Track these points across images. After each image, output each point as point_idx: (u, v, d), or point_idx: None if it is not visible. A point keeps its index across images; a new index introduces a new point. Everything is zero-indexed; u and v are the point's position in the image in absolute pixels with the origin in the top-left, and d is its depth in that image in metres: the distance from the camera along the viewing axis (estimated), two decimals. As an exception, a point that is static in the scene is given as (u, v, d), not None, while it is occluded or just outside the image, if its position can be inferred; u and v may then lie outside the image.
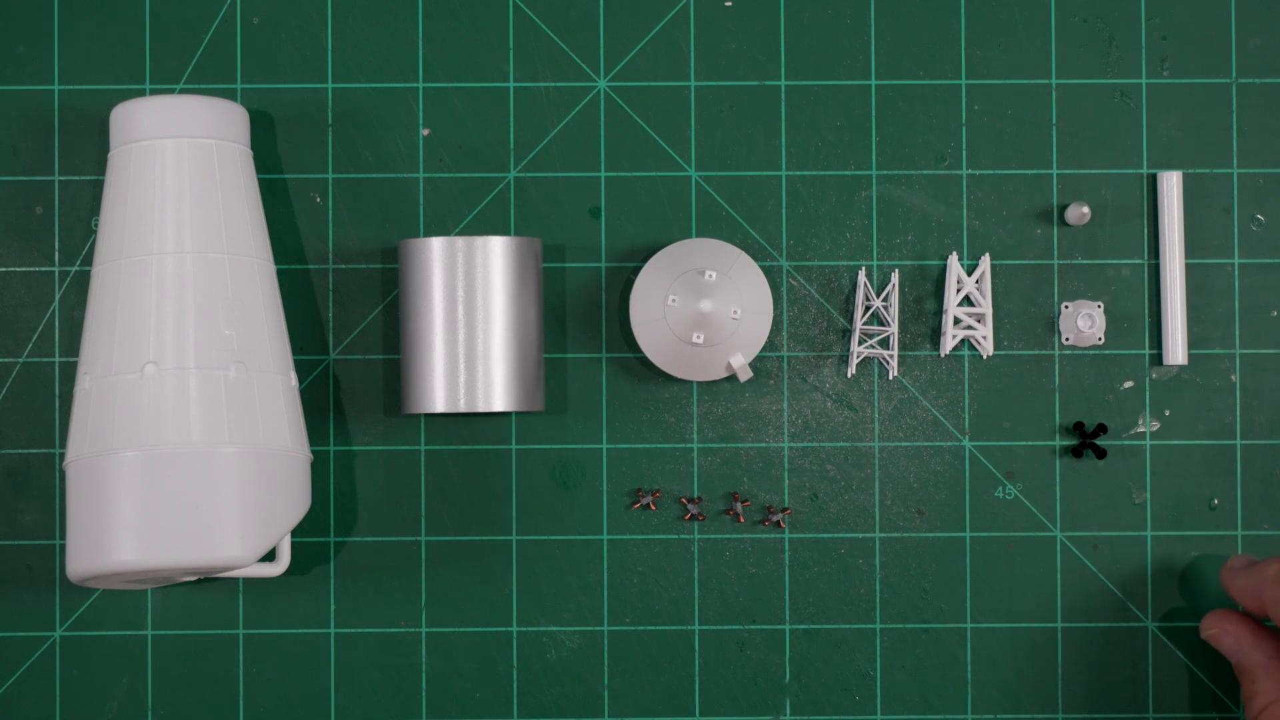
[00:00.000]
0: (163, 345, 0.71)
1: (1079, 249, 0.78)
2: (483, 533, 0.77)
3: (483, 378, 0.74)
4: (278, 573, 0.73)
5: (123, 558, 0.70)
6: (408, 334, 0.74)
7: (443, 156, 0.78)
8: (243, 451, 0.70)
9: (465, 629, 0.77)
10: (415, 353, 0.74)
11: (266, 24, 0.78)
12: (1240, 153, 0.78)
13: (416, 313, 0.74)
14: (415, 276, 0.74)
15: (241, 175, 0.73)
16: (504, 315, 0.74)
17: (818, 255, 0.78)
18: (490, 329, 0.74)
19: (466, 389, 0.74)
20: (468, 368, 0.74)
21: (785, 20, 0.78)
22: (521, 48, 0.78)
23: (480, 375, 0.74)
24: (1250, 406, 0.78)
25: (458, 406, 0.74)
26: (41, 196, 0.77)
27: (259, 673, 0.77)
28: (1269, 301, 0.78)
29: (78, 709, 0.77)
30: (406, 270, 0.75)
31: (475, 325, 0.74)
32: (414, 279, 0.74)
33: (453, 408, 0.74)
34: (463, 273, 0.74)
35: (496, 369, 0.74)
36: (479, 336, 0.74)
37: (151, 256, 0.71)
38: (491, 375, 0.74)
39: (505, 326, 0.74)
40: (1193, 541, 0.78)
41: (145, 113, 0.73)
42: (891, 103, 0.78)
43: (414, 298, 0.74)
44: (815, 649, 0.77)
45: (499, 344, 0.74)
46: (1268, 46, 0.78)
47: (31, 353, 0.77)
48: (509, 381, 0.74)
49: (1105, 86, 0.78)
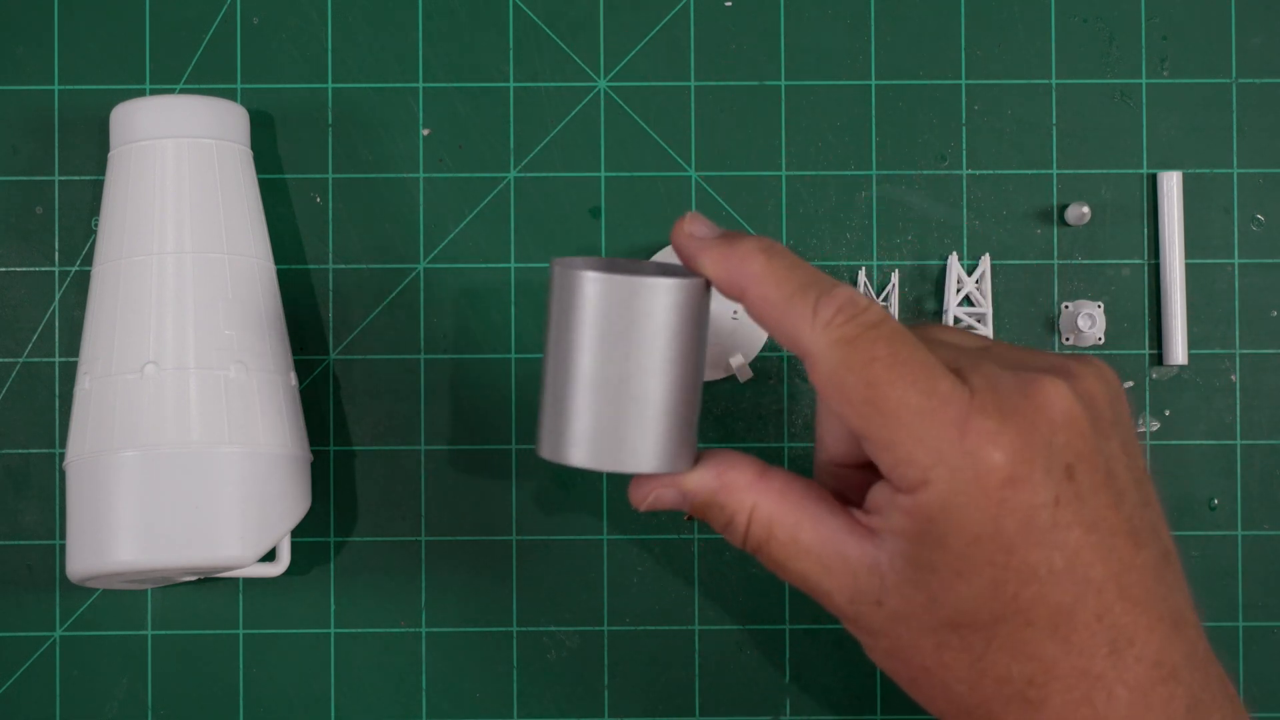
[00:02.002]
0: (163, 345, 0.71)
1: (1079, 249, 0.78)
2: (483, 533, 0.77)
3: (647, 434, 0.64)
4: (278, 573, 0.73)
5: (123, 558, 0.70)
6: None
7: (443, 156, 0.78)
8: (243, 451, 0.70)
9: (465, 629, 0.77)
10: (563, 396, 0.64)
11: (266, 24, 0.78)
12: (1240, 153, 0.78)
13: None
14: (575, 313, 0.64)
15: (241, 175, 0.73)
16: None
17: (818, 255, 0.78)
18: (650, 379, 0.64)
19: (627, 447, 0.64)
20: (621, 423, 0.64)
21: (785, 20, 0.78)
22: (521, 48, 0.78)
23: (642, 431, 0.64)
24: (1250, 406, 0.78)
25: (616, 468, 0.64)
26: (41, 196, 0.77)
27: (259, 673, 0.77)
28: (1269, 301, 0.78)
29: (78, 709, 0.77)
30: (564, 302, 0.64)
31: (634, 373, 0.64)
32: (572, 314, 0.64)
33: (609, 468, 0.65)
34: (633, 317, 0.63)
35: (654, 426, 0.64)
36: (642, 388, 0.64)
37: (151, 256, 0.71)
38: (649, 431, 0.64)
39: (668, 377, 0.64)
40: (1193, 541, 0.78)
41: (145, 113, 0.73)
42: (891, 103, 0.78)
43: (569, 335, 0.64)
44: (815, 649, 0.77)
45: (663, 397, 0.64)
46: (1268, 46, 0.78)
47: (31, 353, 0.77)
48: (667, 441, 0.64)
49: (1105, 86, 0.78)
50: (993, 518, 0.59)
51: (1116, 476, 0.61)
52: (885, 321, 0.61)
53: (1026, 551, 0.59)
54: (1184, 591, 0.62)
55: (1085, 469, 0.60)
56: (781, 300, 0.62)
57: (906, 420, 0.60)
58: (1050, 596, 0.60)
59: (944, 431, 0.59)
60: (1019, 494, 0.59)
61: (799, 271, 0.62)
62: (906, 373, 0.60)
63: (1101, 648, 0.60)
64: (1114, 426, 0.62)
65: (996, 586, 0.60)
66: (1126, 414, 0.63)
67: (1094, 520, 0.60)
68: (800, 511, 0.63)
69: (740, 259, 0.63)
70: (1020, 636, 0.60)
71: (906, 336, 0.61)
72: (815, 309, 0.61)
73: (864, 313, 0.61)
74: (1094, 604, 0.60)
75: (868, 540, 0.62)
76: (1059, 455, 0.60)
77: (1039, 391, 0.60)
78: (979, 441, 0.59)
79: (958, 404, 0.60)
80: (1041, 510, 0.59)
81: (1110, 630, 0.60)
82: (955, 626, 0.61)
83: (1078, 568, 0.60)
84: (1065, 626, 0.60)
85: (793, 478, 0.64)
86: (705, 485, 0.65)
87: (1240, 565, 0.78)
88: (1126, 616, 0.60)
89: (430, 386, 0.77)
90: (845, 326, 0.61)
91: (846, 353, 0.61)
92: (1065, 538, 0.60)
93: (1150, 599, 0.61)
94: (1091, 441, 0.60)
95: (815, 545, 0.63)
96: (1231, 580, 0.78)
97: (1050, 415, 0.60)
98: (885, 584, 0.61)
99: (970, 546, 0.60)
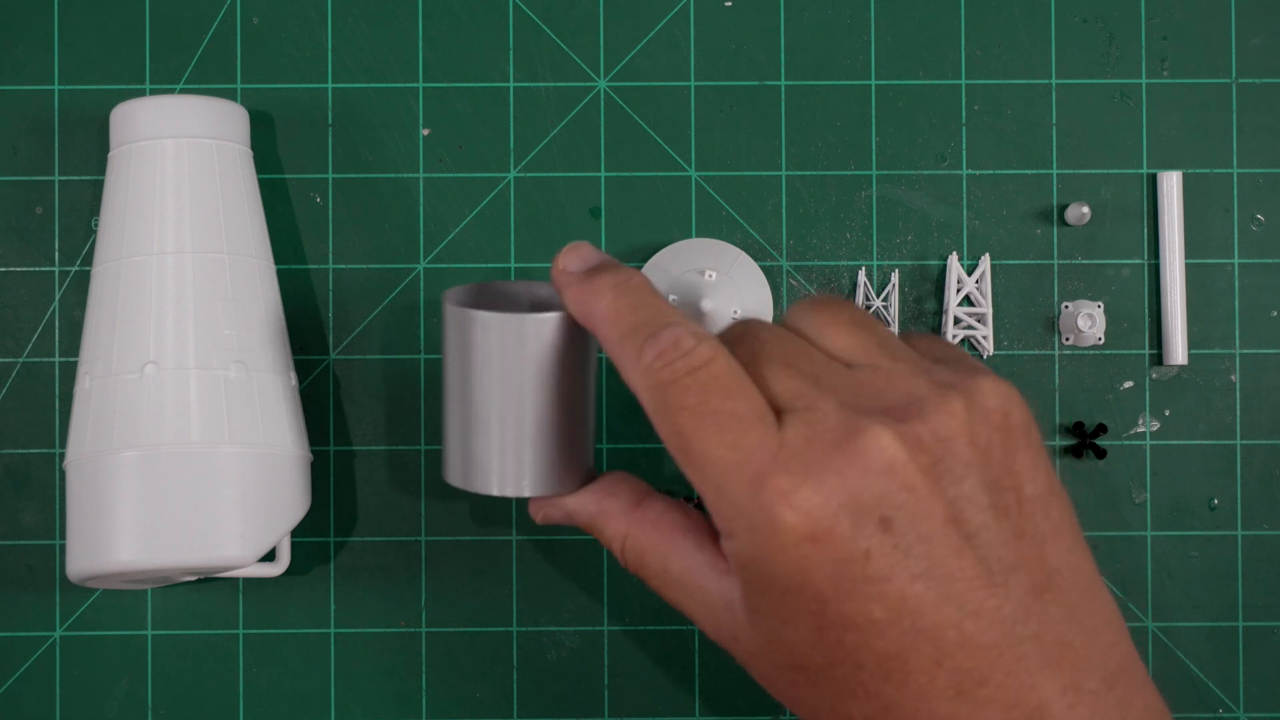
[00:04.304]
0: (163, 345, 0.71)
1: (1079, 249, 0.78)
2: (483, 533, 0.77)
3: (536, 461, 0.66)
4: (278, 573, 0.73)
5: (123, 558, 0.70)
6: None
7: (443, 156, 0.78)
8: (243, 451, 0.70)
9: (465, 629, 0.77)
10: (461, 427, 0.67)
11: (266, 24, 0.78)
12: (1240, 153, 0.78)
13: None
14: (465, 347, 0.66)
15: (241, 175, 0.73)
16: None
17: (818, 255, 0.78)
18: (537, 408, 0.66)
19: (515, 474, 0.67)
20: (517, 451, 0.66)
21: (785, 20, 0.78)
22: (521, 48, 0.78)
23: (533, 458, 0.66)
24: (1250, 406, 0.78)
25: (507, 492, 0.67)
26: (41, 196, 0.78)
27: (259, 673, 0.77)
28: (1269, 301, 0.78)
29: (78, 709, 0.77)
30: (456, 337, 0.67)
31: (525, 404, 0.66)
32: (463, 349, 0.66)
33: (503, 493, 0.67)
34: (519, 351, 0.65)
35: (543, 453, 0.66)
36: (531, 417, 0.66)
37: (151, 256, 0.71)
38: (537, 459, 0.67)
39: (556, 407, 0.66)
40: (1193, 541, 0.78)
41: (145, 113, 0.73)
42: (891, 103, 0.78)
43: (462, 368, 0.66)
44: (815, 649, 0.77)
45: (551, 426, 0.66)
46: (1268, 46, 0.78)
47: (31, 353, 0.77)
48: (558, 467, 0.67)
49: (1105, 86, 0.78)
50: (798, 571, 0.58)
51: (964, 520, 0.58)
52: (709, 364, 0.60)
53: (840, 604, 0.58)
54: (1073, 621, 0.60)
55: (907, 519, 0.58)
56: (616, 340, 0.62)
57: (709, 473, 0.59)
58: (875, 645, 0.58)
59: (742, 487, 0.58)
60: (822, 549, 0.57)
61: (640, 311, 0.62)
62: (712, 423, 0.59)
63: (946, 690, 0.58)
64: (970, 466, 0.59)
65: (820, 633, 0.59)
66: (1010, 440, 0.60)
67: (924, 570, 0.58)
68: (669, 543, 0.63)
69: (591, 296, 0.63)
70: (856, 679, 0.59)
71: (725, 382, 0.59)
72: (640, 351, 0.61)
73: (685, 356, 0.60)
74: (929, 651, 0.58)
75: (725, 577, 0.62)
76: (870, 508, 0.58)
77: (855, 443, 0.58)
78: (773, 499, 0.58)
79: (760, 459, 0.58)
80: (850, 564, 0.58)
81: (953, 675, 0.58)
82: (796, 669, 0.60)
83: (904, 617, 0.58)
84: (899, 672, 0.58)
85: (670, 507, 0.64)
86: (584, 509, 0.66)
87: (1240, 565, 0.78)
88: (973, 660, 0.58)
89: (430, 386, 0.77)
90: (662, 371, 0.60)
91: (660, 399, 0.60)
92: (884, 590, 0.58)
93: (1009, 640, 0.58)
94: (921, 491, 0.58)
95: (683, 577, 0.63)
96: (1231, 580, 0.78)
97: (864, 466, 0.58)
98: (737, 621, 0.61)
99: (785, 596, 0.59)
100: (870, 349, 0.62)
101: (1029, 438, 0.60)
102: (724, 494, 0.59)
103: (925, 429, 0.59)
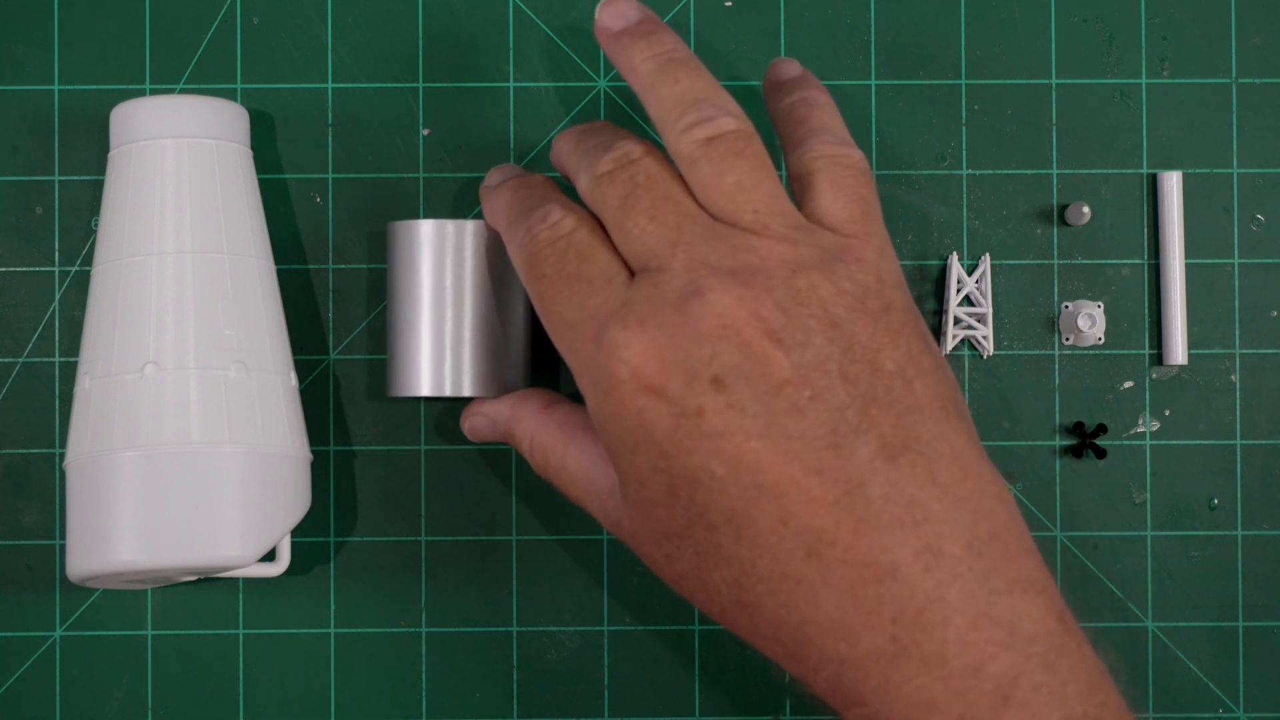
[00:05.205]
0: (163, 345, 0.71)
1: (1079, 249, 0.78)
2: (483, 533, 0.77)
3: (467, 362, 0.72)
4: (278, 573, 0.73)
5: (123, 557, 0.70)
6: (396, 316, 0.74)
7: (443, 156, 0.78)
8: (243, 451, 0.70)
9: (465, 629, 0.77)
10: (401, 335, 0.73)
11: (266, 24, 0.78)
12: (1240, 153, 0.78)
13: (404, 295, 0.73)
14: (403, 259, 0.73)
15: (241, 175, 0.73)
16: (486, 300, 0.72)
17: (818, 255, 0.78)
18: (474, 313, 0.72)
19: (452, 374, 0.72)
20: (454, 353, 0.72)
21: (785, 20, 0.78)
22: (521, 48, 0.78)
23: (465, 360, 0.72)
24: (1250, 406, 0.78)
25: (443, 391, 0.72)
26: (41, 196, 0.78)
27: (259, 673, 0.77)
28: (1269, 301, 0.78)
29: (78, 709, 0.77)
30: (395, 252, 0.74)
31: (462, 309, 0.72)
32: (402, 262, 0.73)
33: (438, 392, 0.72)
34: (451, 257, 0.72)
35: (474, 354, 0.72)
36: (465, 320, 0.72)
37: (151, 256, 0.71)
38: (469, 360, 0.72)
39: (487, 311, 0.72)
40: (1193, 541, 0.78)
41: (145, 113, 0.73)
42: (891, 103, 0.78)
43: (401, 280, 0.73)
44: (815, 649, 0.77)
45: (481, 328, 0.72)
46: (1268, 46, 0.78)
47: (31, 353, 0.77)
48: (487, 368, 0.72)
49: (1105, 86, 0.78)
50: (639, 425, 0.61)
51: (807, 383, 0.60)
52: (571, 234, 0.64)
53: (683, 458, 0.60)
54: (935, 485, 0.61)
55: (742, 379, 0.60)
56: (505, 229, 0.67)
57: (563, 335, 0.63)
58: (720, 502, 0.60)
59: (587, 345, 0.62)
60: (657, 404, 0.60)
61: (530, 200, 0.67)
62: (564, 287, 0.63)
63: (796, 551, 0.60)
64: (814, 334, 0.61)
65: (672, 492, 0.61)
66: (867, 319, 0.62)
67: (761, 429, 0.60)
68: (569, 440, 0.67)
69: (492, 199, 0.69)
70: (711, 540, 0.61)
71: (581, 249, 0.63)
72: (516, 228, 0.66)
73: (551, 227, 0.65)
74: (773, 508, 0.60)
75: (610, 465, 0.65)
76: (702, 366, 0.60)
77: (691, 303, 0.60)
78: (608, 352, 0.61)
79: (601, 317, 0.61)
80: (684, 419, 0.60)
81: (801, 534, 0.60)
82: (666, 536, 0.62)
83: (743, 473, 0.60)
84: (749, 531, 0.60)
85: (576, 410, 0.68)
86: (501, 413, 0.70)
87: (1240, 565, 0.78)
88: (817, 518, 0.60)
89: (430, 386, 0.77)
90: (529, 244, 0.65)
91: (526, 270, 0.65)
92: (720, 445, 0.60)
93: (853, 499, 0.60)
94: (758, 353, 0.60)
95: (577, 471, 0.66)
96: (1231, 580, 0.78)
97: (697, 327, 0.60)
98: (619, 504, 0.64)
99: (634, 455, 0.61)
100: (753, 203, 0.64)
101: (889, 317, 0.63)
102: (574, 354, 0.63)
103: (769, 297, 0.61)
